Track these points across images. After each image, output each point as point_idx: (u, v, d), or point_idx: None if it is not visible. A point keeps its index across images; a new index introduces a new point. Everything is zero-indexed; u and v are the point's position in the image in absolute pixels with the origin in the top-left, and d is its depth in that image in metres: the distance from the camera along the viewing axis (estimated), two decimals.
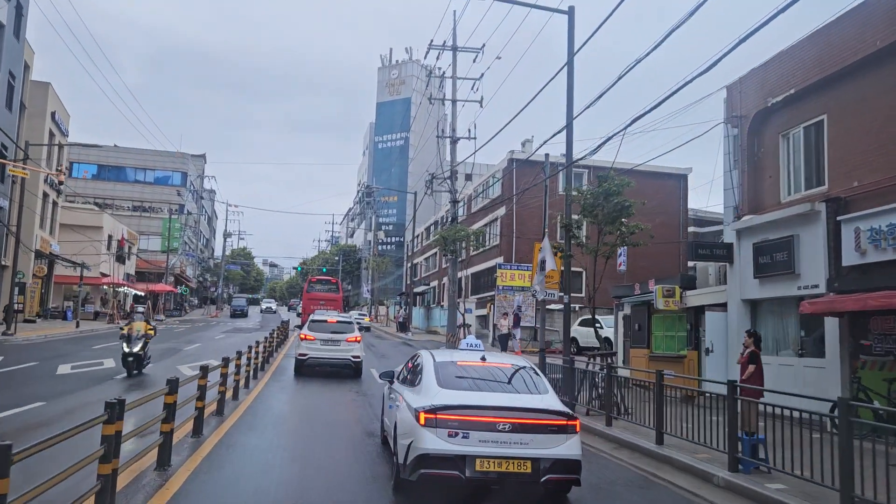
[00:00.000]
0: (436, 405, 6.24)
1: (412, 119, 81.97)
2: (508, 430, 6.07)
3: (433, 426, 6.12)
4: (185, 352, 23.84)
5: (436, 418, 6.13)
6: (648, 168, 40.64)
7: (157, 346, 25.35)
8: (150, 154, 66.45)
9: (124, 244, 51.29)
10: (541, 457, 6.08)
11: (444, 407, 6.19)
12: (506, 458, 6.03)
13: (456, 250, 27.37)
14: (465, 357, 7.56)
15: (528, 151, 36.95)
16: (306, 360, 17.87)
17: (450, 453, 6.02)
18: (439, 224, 52.43)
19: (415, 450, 6.17)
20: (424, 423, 6.16)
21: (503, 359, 7.99)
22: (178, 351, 24.03)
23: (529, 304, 30.55)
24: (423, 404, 6.37)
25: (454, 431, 6.08)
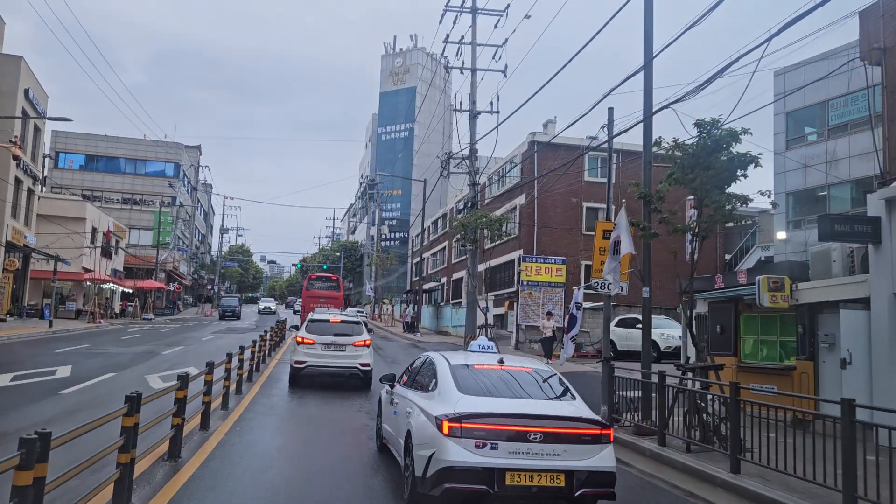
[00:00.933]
0: (460, 413, 5.77)
1: (417, 109, 78.41)
2: (540, 440, 5.69)
3: (458, 436, 5.65)
4: (162, 356, 20.35)
5: (461, 427, 5.66)
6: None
7: (132, 350, 21.87)
8: (143, 144, 62.99)
9: (111, 237, 47.81)
10: (575, 469, 5.72)
11: (470, 415, 5.73)
12: (538, 471, 5.64)
13: (477, 239, 23.88)
14: (480, 360, 7.12)
15: (550, 133, 33.47)
16: (304, 368, 14.76)
17: (478, 466, 5.58)
18: (452, 213, 48.90)
19: (438, 462, 5.68)
20: (448, 432, 5.67)
21: (521, 362, 7.51)
22: (155, 355, 20.54)
23: (557, 302, 27.05)
24: (444, 412, 5.88)
25: (482, 442, 5.64)
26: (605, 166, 35.13)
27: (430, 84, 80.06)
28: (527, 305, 26.77)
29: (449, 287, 49.35)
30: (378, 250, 61.34)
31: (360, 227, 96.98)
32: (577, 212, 34.05)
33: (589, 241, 35.23)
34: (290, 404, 12.75)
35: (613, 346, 24.87)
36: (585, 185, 34.19)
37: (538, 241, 33.29)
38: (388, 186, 73.27)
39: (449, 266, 49.82)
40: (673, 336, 22.42)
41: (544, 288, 26.93)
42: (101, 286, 45.86)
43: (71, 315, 41.68)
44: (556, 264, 27.22)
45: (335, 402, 13.17)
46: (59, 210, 41.92)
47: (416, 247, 65.08)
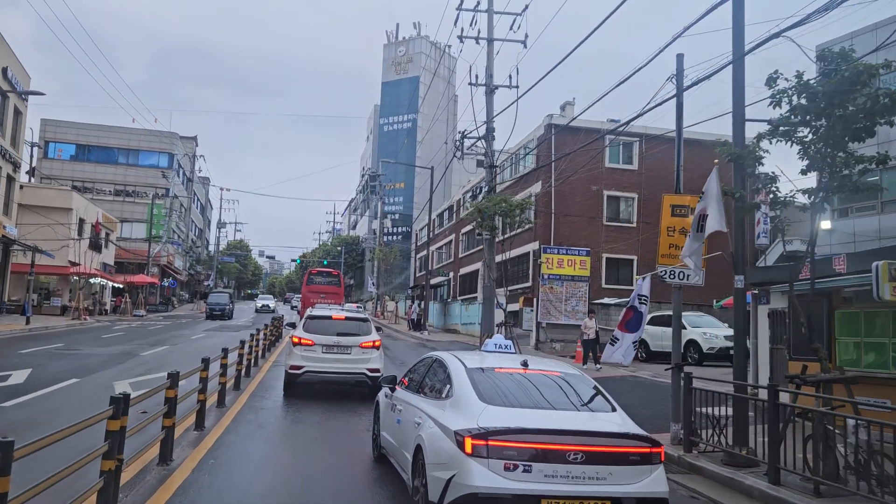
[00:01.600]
0: (486, 428, 4.77)
1: (421, 99, 75.95)
2: (581, 460, 4.68)
3: (484, 456, 4.65)
4: (140, 358, 17.91)
5: (487, 445, 4.66)
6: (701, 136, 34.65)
7: (108, 351, 19.45)
8: (136, 133, 60.36)
9: (99, 229, 45.34)
10: (623, 495, 4.74)
11: (498, 431, 4.72)
12: (580, 499, 4.66)
13: (496, 227, 21.44)
14: (500, 362, 6.14)
15: (568, 116, 31.03)
16: (301, 374, 12.46)
17: (508, 492, 4.58)
18: (462, 202, 46.39)
19: (459, 487, 4.69)
20: (472, 451, 4.67)
21: (547, 365, 6.34)
22: (132, 357, 18.11)
23: (581, 298, 24.62)
24: (466, 426, 4.86)
25: (513, 464, 4.64)
26: (627, 152, 32.71)
27: (435, 74, 77.59)
28: (548, 301, 24.35)
29: (456, 282, 46.92)
30: (380, 244, 58.92)
31: (361, 222, 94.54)
32: (597, 201, 31.63)
33: (611, 233, 32.92)
34: (284, 421, 10.32)
35: (645, 347, 22.44)
36: (607, 171, 31.77)
37: (556, 233, 30.87)
38: (390, 179, 70.82)
39: (456, 261, 47.38)
40: (716, 335, 20.01)
41: (566, 282, 24.51)
42: (89, 281, 43.41)
43: (56, 311, 39.31)
44: (579, 256, 24.80)
45: (340, 419, 10.74)
46: (44, 200, 39.49)
47: (420, 240, 62.66)
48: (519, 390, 5.53)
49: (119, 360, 17.19)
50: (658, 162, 32.34)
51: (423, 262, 61.48)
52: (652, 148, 31.34)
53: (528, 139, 32.60)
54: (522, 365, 5.95)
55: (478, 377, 5.64)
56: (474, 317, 33.43)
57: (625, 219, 32.15)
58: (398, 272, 71.39)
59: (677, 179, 10.50)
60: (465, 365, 5.92)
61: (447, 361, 6.26)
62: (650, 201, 32.10)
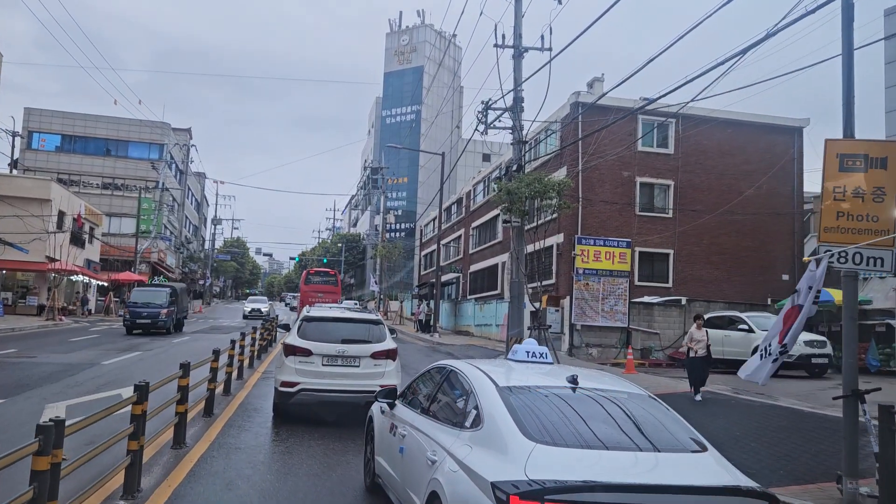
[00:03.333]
0: (541, 482, 3.32)
1: (425, 90, 72.74)
2: None
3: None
4: (100, 368, 14.66)
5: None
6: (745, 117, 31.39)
7: (66, 358, 16.19)
8: (125, 124, 57.15)
9: (82, 223, 42.05)
10: None
11: (559, 488, 3.27)
12: None
13: (527, 212, 18.19)
14: (541, 379, 4.63)
15: (596, 93, 27.77)
16: (296, 393, 9.28)
17: None
18: (471, 197, 43.13)
19: None
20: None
21: (603, 381, 4.73)
22: (91, 366, 14.85)
23: (620, 296, 21.39)
24: (508, 476, 3.41)
25: None
26: (662, 134, 29.44)
27: (440, 64, 74.32)
28: (583, 300, 21.11)
29: (466, 280, 43.65)
30: (383, 240, 55.73)
31: (361, 220, 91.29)
32: (629, 188, 28.37)
33: (644, 223, 29.62)
34: (266, 474, 7.04)
35: None
36: (639, 156, 28.51)
37: (583, 223, 27.59)
38: (392, 173, 67.57)
39: (466, 257, 44.12)
40: (807, 340, 16.72)
41: (604, 277, 21.28)
42: (70, 278, 40.17)
43: (32, 311, 36.08)
44: (618, 248, 21.61)
45: (351, 465, 7.48)
46: (20, 190, 36.28)
47: (426, 237, 59.44)
48: (574, 420, 4.02)
49: (72, 371, 13.93)
50: (697, 146, 29.14)
51: (429, 259, 58.27)
52: (690, 128, 28.11)
53: (550, 119, 29.33)
54: (570, 381, 4.42)
55: (516, 400, 4.17)
56: (490, 317, 30.20)
57: (660, 208, 28.90)
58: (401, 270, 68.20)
59: (846, 114, 7.03)
60: (494, 382, 4.45)
61: (469, 375, 4.74)
62: (688, 189, 28.89)
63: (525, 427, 3.87)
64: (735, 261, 29.12)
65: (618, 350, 21.43)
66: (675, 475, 3.63)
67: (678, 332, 22.38)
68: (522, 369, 5.07)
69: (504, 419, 3.97)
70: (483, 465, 3.69)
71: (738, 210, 28.65)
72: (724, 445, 8.54)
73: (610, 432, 3.98)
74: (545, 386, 4.49)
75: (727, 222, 28.74)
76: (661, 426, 4.15)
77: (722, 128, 29.10)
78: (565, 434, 3.85)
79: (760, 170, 29.43)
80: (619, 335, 21.63)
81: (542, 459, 3.58)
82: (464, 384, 4.75)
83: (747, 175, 29.33)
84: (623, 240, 21.94)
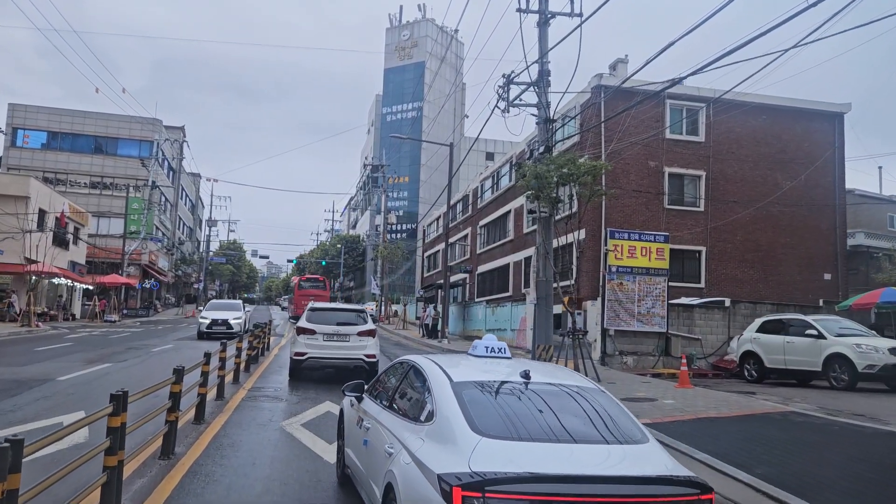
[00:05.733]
0: (483, 474, 3.43)
1: (427, 87, 70.32)
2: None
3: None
4: (52, 386, 12.13)
5: (484, 498, 3.31)
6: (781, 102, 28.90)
7: (19, 373, 13.67)
8: (114, 120, 54.70)
9: (65, 223, 39.54)
10: None
11: (499, 479, 3.39)
12: None
13: (560, 199, 15.74)
14: (495, 374, 4.75)
15: (620, 75, 25.36)
16: (305, 360, 13.84)
17: None
18: (478, 195, 40.59)
19: None
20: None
21: (555, 375, 4.87)
22: (43, 383, 12.32)
23: (658, 297, 18.93)
24: (453, 469, 3.52)
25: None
26: (692, 120, 26.98)
27: (443, 60, 71.89)
28: (616, 301, 18.63)
29: (473, 282, 41.17)
30: (385, 241, 53.26)
31: (361, 221, 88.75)
32: (656, 179, 25.95)
33: (673, 218, 27.04)
34: None
35: (755, 362, 16.71)
36: (667, 144, 26.09)
37: (607, 218, 25.17)
38: (393, 171, 65.09)
39: (473, 257, 41.65)
40: (877, 348, 14.23)
41: (640, 276, 18.80)
42: (52, 281, 37.68)
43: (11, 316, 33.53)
44: (655, 242, 19.14)
45: None
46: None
47: (428, 237, 56.97)
48: (522, 413, 4.07)
49: (16, 389, 11.43)
50: (729, 133, 26.71)
51: (432, 260, 55.80)
52: (722, 112, 25.67)
53: (570, 105, 26.86)
54: (523, 376, 4.48)
55: (468, 395, 4.21)
56: (504, 321, 27.73)
57: (690, 201, 26.46)
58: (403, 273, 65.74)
59: None
60: (449, 377, 4.47)
61: (426, 370, 4.79)
62: (720, 180, 26.45)
63: (473, 421, 3.94)
64: (772, 259, 26.67)
65: (656, 358, 18.96)
66: (616, 466, 3.73)
67: (721, 337, 19.91)
68: (479, 364, 5.12)
69: (454, 413, 4.05)
70: (432, 458, 3.77)
71: (774, 203, 26.22)
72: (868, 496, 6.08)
73: (557, 425, 4.05)
74: (499, 381, 4.57)
75: (762, 217, 26.30)
76: (609, 419, 4.23)
77: (755, 114, 26.67)
78: (513, 427, 3.93)
79: (798, 159, 27.01)
80: (656, 341, 19.16)
81: (487, 452, 3.66)
82: (422, 379, 4.79)
83: (784, 165, 26.90)
84: (660, 233, 19.48)
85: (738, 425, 10.02)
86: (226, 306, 31.29)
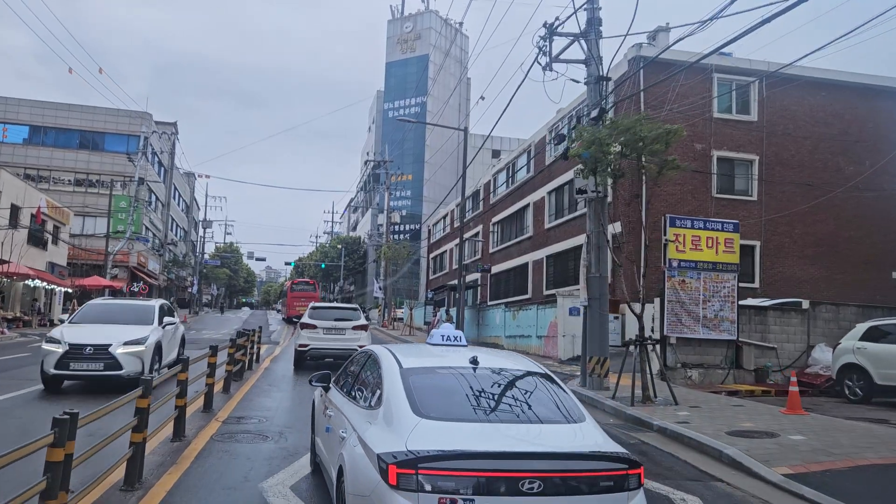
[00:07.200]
0: (416, 452, 3.59)
1: (431, 81, 67.20)
2: (539, 491, 3.54)
3: (412, 489, 3.46)
4: None
5: (417, 475, 3.49)
6: (845, 77, 25.61)
7: None
8: (101, 113, 51.68)
9: (41, 220, 36.31)
10: None
11: (431, 456, 3.55)
12: None
13: (622, 174, 12.59)
14: (445, 360, 4.92)
15: (660, 45, 22.19)
16: (307, 350, 16.15)
17: None
18: (490, 190, 37.30)
19: None
20: (397, 482, 3.49)
21: (504, 361, 5.11)
22: None
23: (727, 298, 15.70)
24: (391, 447, 3.70)
25: (450, 498, 3.45)
26: (743, 97, 23.76)
27: (447, 54, 68.81)
28: (677, 303, 15.40)
29: (487, 283, 37.92)
30: (388, 240, 50.04)
31: (362, 222, 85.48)
32: (703, 164, 22.75)
33: (723, 208, 23.69)
34: None
35: (860, 377, 13.47)
36: (716, 124, 22.91)
37: (648, 208, 22.02)
38: (397, 166, 61.81)
39: (486, 257, 38.41)
40: None
41: (705, 273, 15.58)
42: (25, 283, 34.45)
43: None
44: (724, 232, 15.93)
45: None
46: None
47: (434, 237, 53.77)
48: (465, 397, 4.29)
49: None
50: (784, 112, 23.53)
51: (438, 262, 52.60)
52: (776, 86, 22.50)
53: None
54: (471, 362, 4.70)
55: (414, 381, 4.39)
56: (529, 327, 24.49)
57: (741, 189, 23.28)
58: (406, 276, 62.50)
59: None
60: (400, 364, 4.67)
61: (380, 359, 4.99)
62: (775, 165, 23.26)
63: (416, 404, 4.09)
64: (834, 255, 23.46)
65: (725, 371, 15.72)
66: (547, 443, 3.86)
67: (799, 345, 16.69)
68: (432, 351, 5.35)
69: (399, 397, 4.19)
70: (375, 440, 3.91)
71: (837, 192, 23.02)
72: None
73: (497, 406, 4.28)
74: (447, 366, 4.73)
75: (823, 207, 23.09)
76: (549, 400, 4.42)
77: (813, 90, 23.53)
78: (454, 409, 4.11)
79: (862, 141, 23.83)
80: (724, 351, 15.92)
81: (424, 432, 3.79)
82: (377, 367, 4.93)
83: (847, 148, 23.72)
84: (729, 221, 16.24)
85: None
86: (117, 313, 13.53)
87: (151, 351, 12.19)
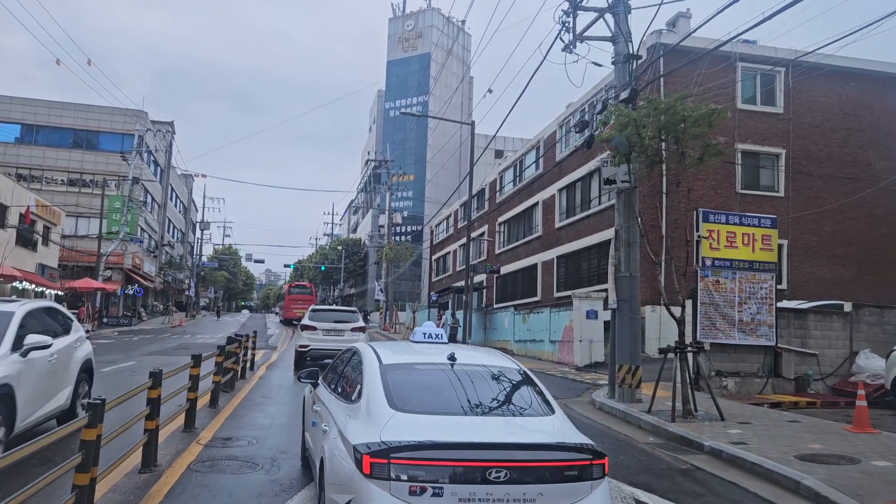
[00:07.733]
0: (388, 442, 3.72)
1: (433, 80, 65.95)
2: (505, 479, 3.67)
3: (384, 477, 3.61)
4: None
5: (389, 464, 3.64)
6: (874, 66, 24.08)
7: None
8: (95, 111, 50.39)
9: (31, 220, 34.99)
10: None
11: (402, 446, 3.69)
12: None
13: (660, 159, 11.29)
14: (424, 356, 5.17)
15: (681, 32, 20.91)
16: (308, 351, 16.41)
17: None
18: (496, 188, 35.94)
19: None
20: (370, 471, 3.64)
21: (481, 358, 5.25)
22: None
23: (765, 300, 14.35)
24: (367, 438, 3.83)
25: (420, 486, 3.60)
26: (768, 87, 22.45)
27: (449, 52, 67.56)
28: (711, 305, 14.05)
29: (493, 285, 36.56)
30: (390, 241, 48.72)
31: (362, 224, 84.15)
32: (727, 158, 21.40)
33: (748, 204, 22.33)
34: None
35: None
36: (739, 116, 21.60)
37: (668, 205, 20.70)
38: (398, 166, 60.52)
39: (492, 257, 37.06)
40: None
41: (740, 272, 14.24)
42: (13, 285, 33.11)
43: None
44: (760, 228, 14.59)
45: None
46: None
47: (437, 238, 52.44)
48: (441, 392, 4.49)
49: None
50: (812, 103, 22.23)
51: (441, 263, 51.27)
52: (802, 75, 21.20)
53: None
54: (449, 359, 4.85)
55: (393, 376, 4.55)
56: (541, 331, 23.14)
57: (767, 185, 21.99)
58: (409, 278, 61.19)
59: None
60: (379, 360, 4.84)
61: (363, 354, 5.18)
62: (802, 159, 21.95)
63: (392, 398, 4.22)
64: (865, 255, 22.15)
65: (763, 380, 14.36)
66: (515, 434, 4.02)
67: (842, 351, 15.34)
68: (414, 349, 5.53)
69: (377, 392, 4.32)
70: (353, 432, 4.04)
71: (868, 187, 21.72)
72: None
73: (469, 400, 4.38)
74: (426, 363, 4.92)
75: (853, 204, 21.80)
76: (519, 394, 4.61)
77: (841, 81, 22.24)
78: (428, 403, 4.29)
79: (894, 134, 22.54)
80: (761, 358, 14.57)
81: (398, 424, 3.92)
82: (360, 363, 5.06)
83: (877, 141, 22.44)
84: (766, 216, 14.90)
85: None
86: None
87: (86, 358, 8.31)
